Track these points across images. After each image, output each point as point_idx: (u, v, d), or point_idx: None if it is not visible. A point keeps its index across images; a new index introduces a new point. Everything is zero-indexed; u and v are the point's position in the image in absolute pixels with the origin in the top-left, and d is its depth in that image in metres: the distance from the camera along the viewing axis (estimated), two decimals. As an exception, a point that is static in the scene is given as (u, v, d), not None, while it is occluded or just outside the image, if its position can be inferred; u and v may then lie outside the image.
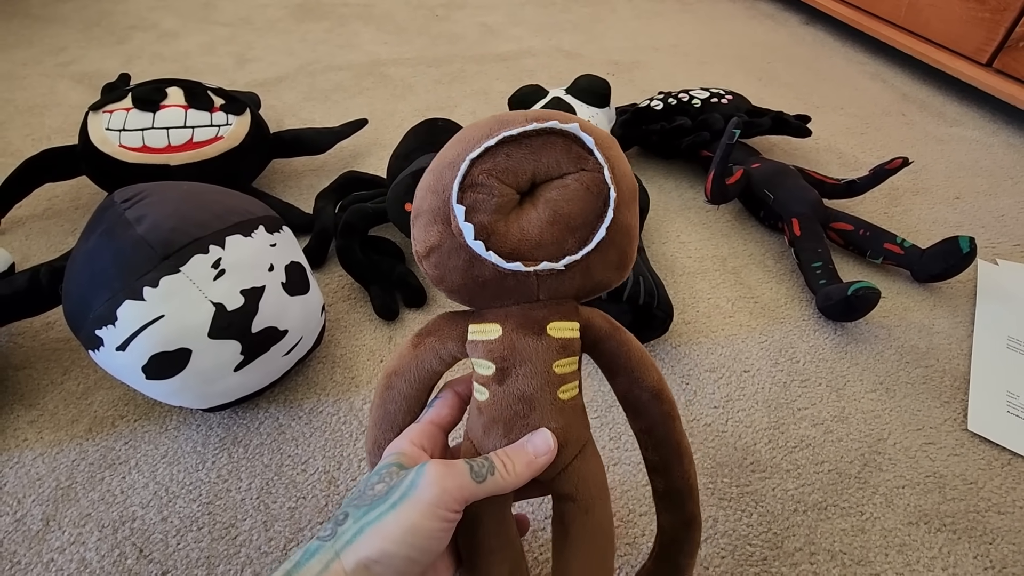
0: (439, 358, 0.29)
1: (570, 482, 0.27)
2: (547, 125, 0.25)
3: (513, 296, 0.26)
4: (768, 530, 0.41)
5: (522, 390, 0.26)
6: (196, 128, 0.60)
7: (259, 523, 0.40)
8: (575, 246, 0.25)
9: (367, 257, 0.57)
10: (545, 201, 0.25)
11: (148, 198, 0.42)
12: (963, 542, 0.41)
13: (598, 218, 0.25)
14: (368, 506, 0.23)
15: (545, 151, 0.25)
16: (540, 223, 0.25)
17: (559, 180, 0.25)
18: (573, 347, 0.27)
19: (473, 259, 0.25)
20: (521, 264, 0.25)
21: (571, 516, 0.27)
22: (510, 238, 0.25)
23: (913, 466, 0.45)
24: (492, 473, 0.24)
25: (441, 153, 0.26)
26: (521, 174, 0.25)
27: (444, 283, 0.27)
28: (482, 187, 0.25)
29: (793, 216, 0.63)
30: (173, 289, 0.38)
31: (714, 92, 0.77)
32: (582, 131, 0.25)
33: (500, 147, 0.25)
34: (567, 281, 0.26)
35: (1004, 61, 0.91)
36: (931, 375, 0.52)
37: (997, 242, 0.69)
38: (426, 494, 0.22)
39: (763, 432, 0.47)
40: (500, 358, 0.26)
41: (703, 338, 0.55)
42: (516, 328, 0.26)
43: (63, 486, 0.41)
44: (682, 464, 0.30)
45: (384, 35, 1.13)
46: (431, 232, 0.26)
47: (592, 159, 0.25)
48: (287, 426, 0.46)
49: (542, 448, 0.25)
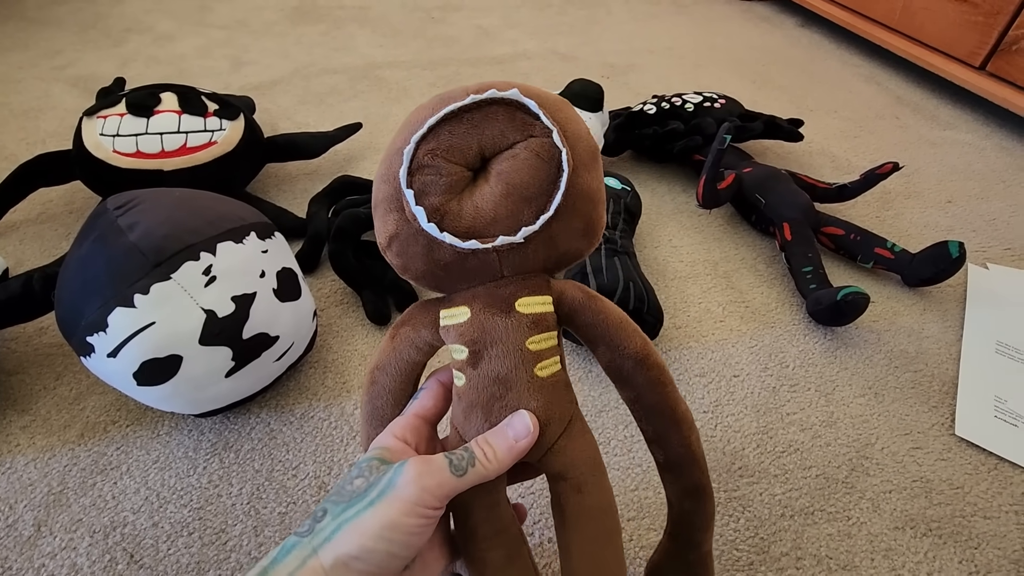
0: (416, 347, 0.28)
1: (558, 461, 0.26)
2: (486, 95, 0.24)
3: (478, 276, 0.26)
4: (755, 535, 0.41)
5: (496, 371, 0.25)
6: (190, 133, 0.61)
7: (249, 528, 0.40)
8: (532, 217, 0.24)
9: (359, 262, 0.57)
10: (496, 174, 0.25)
11: (140, 205, 0.42)
12: (948, 547, 0.41)
13: (553, 184, 0.24)
14: (347, 503, 0.23)
15: (488, 123, 0.24)
16: (493, 198, 0.24)
17: (508, 151, 0.25)
18: (547, 322, 0.26)
19: (431, 243, 0.25)
20: (477, 242, 0.24)
21: (565, 497, 0.27)
22: (464, 217, 0.24)
23: (900, 471, 0.46)
24: (472, 464, 0.24)
25: (391, 140, 0.26)
26: (467, 150, 0.25)
27: (409, 271, 0.26)
28: (429, 168, 0.24)
29: (784, 221, 0.63)
30: (164, 296, 0.38)
31: (707, 96, 0.77)
32: (523, 96, 0.24)
33: (442, 125, 0.24)
34: (531, 254, 0.25)
35: (997, 64, 0.91)
36: (920, 380, 0.53)
37: (988, 246, 0.69)
38: (404, 492, 0.22)
39: (752, 437, 0.47)
40: (471, 341, 0.26)
41: (693, 343, 0.55)
42: (484, 308, 0.26)
43: (55, 491, 0.42)
44: (680, 431, 0.28)
45: (380, 38, 1.13)
46: (388, 221, 0.25)
47: (539, 124, 0.24)
48: (278, 431, 0.46)
49: (522, 431, 0.25)
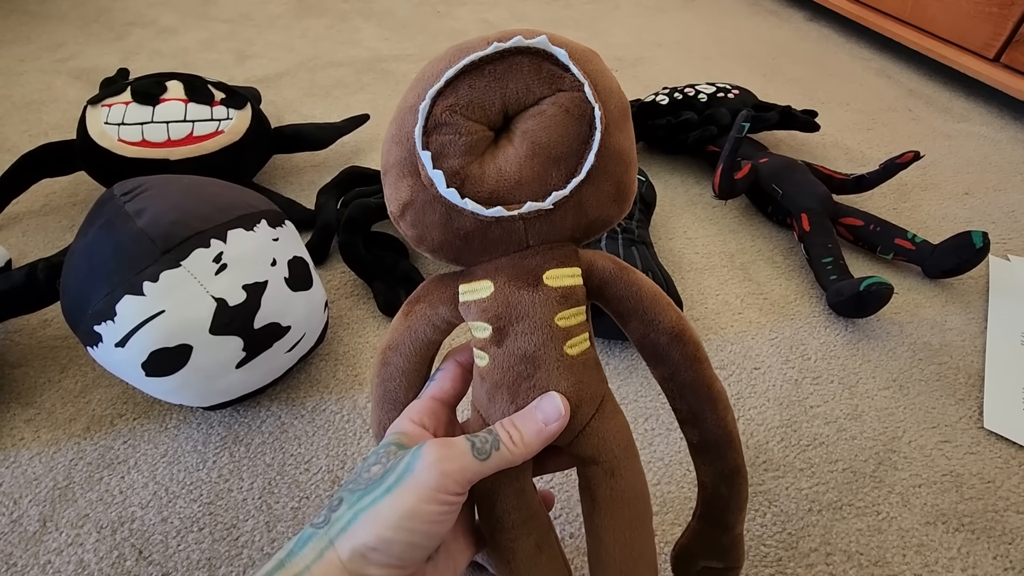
0: (432, 325, 0.26)
1: (590, 444, 0.25)
2: (510, 44, 0.21)
3: (501, 247, 0.23)
4: (783, 530, 0.40)
5: (523, 349, 0.23)
6: (196, 122, 0.59)
7: (261, 524, 0.39)
8: (561, 180, 0.22)
9: (370, 253, 0.56)
10: (521, 133, 0.22)
11: (149, 191, 0.41)
12: (982, 542, 0.40)
13: (584, 144, 0.22)
14: (363, 490, 0.21)
15: (512, 75, 0.22)
16: (518, 159, 0.22)
17: (534, 107, 0.22)
18: (576, 296, 0.24)
19: (450, 210, 0.22)
20: (503, 208, 0.22)
21: (597, 481, 0.25)
22: (487, 181, 0.22)
23: (929, 465, 0.44)
24: (497, 448, 0.22)
25: (402, 97, 0.23)
26: (489, 106, 0.22)
27: (425, 242, 0.24)
28: (447, 127, 0.22)
29: (802, 211, 0.62)
30: (173, 284, 0.37)
31: (720, 87, 0.76)
32: (552, 44, 0.22)
33: (462, 79, 0.22)
34: (559, 221, 0.23)
35: (1012, 56, 0.90)
36: (945, 372, 0.51)
37: (1008, 238, 0.68)
38: (423, 477, 0.21)
39: (775, 430, 0.46)
40: (495, 317, 0.23)
41: (712, 335, 0.54)
42: (509, 282, 0.23)
43: (60, 486, 0.40)
44: (716, 410, 0.26)
45: (385, 31, 1.12)
46: (401, 187, 0.23)
47: (569, 76, 0.22)
48: (289, 425, 0.45)
49: (552, 414, 0.23)
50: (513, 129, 0.23)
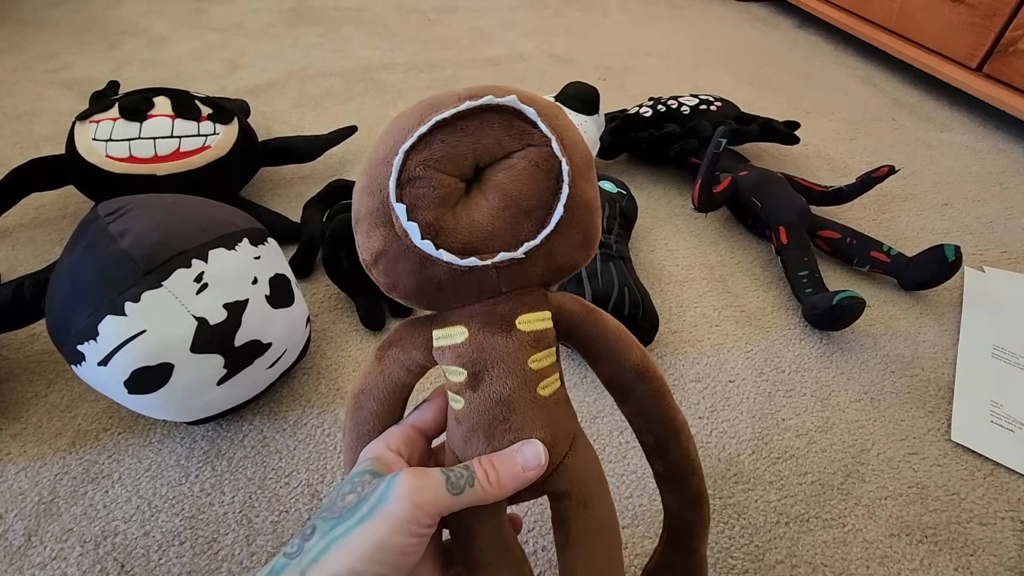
0: (406, 369, 0.27)
1: (565, 480, 0.26)
2: (482, 102, 0.22)
3: (474, 293, 0.24)
4: (750, 542, 0.41)
5: (499, 393, 0.24)
6: (183, 138, 0.60)
7: (241, 537, 0.40)
8: (532, 230, 0.23)
9: (353, 267, 0.56)
10: (493, 185, 0.23)
11: (132, 211, 0.42)
12: (944, 554, 0.41)
13: (553, 196, 0.23)
14: (336, 519, 0.22)
15: (484, 131, 0.23)
16: (491, 210, 0.23)
17: (505, 160, 0.23)
18: (547, 339, 0.25)
19: (424, 260, 0.23)
20: (476, 259, 0.23)
21: (569, 513, 0.26)
22: (460, 231, 0.23)
23: (896, 477, 0.45)
24: (471, 484, 0.23)
25: (372, 149, 0.24)
26: (461, 160, 0.23)
27: (397, 290, 0.25)
28: (421, 180, 0.22)
29: (780, 224, 0.63)
30: (155, 304, 0.38)
31: (703, 99, 0.77)
32: (521, 103, 0.23)
33: (434, 133, 0.22)
34: (529, 268, 0.24)
35: (994, 66, 0.91)
36: (916, 384, 0.53)
37: (984, 249, 0.69)
38: (395, 508, 0.21)
39: (747, 443, 0.47)
40: (470, 362, 0.24)
41: (689, 348, 0.55)
42: (482, 327, 0.24)
43: (45, 500, 0.41)
44: (679, 441, 0.28)
45: (376, 40, 1.13)
46: (374, 237, 0.24)
47: (537, 132, 0.23)
48: (271, 439, 0.46)
49: (532, 462, 0.24)
50: (484, 180, 0.24)
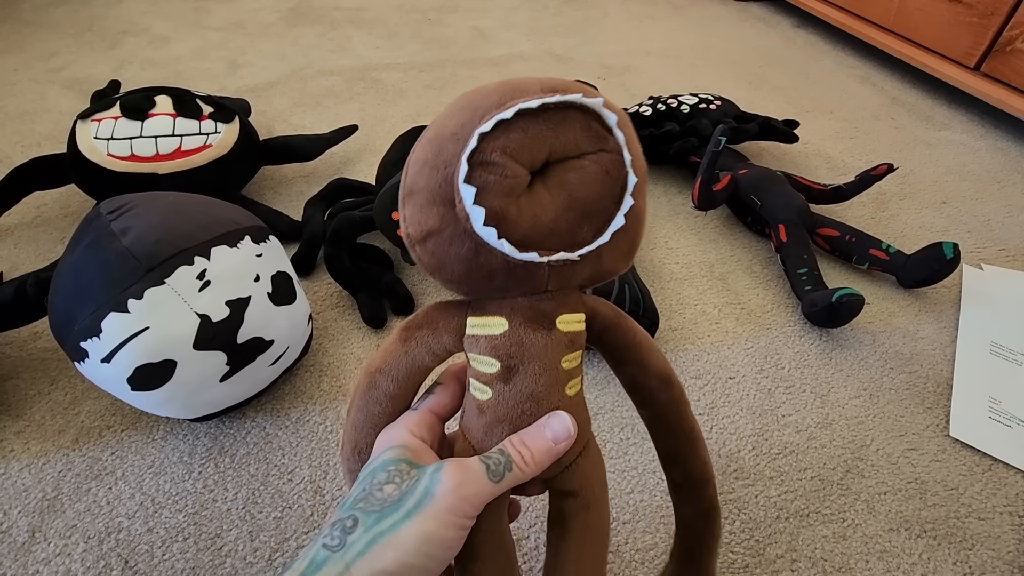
0: (432, 353, 0.26)
1: (573, 479, 0.26)
2: (570, 98, 0.22)
3: (520, 287, 0.24)
4: (750, 537, 0.41)
5: (531, 388, 0.24)
6: (184, 136, 0.61)
7: (245, 533, 0.40)
8: (591, 235, 0.23)
9: (355, 265, 0.57)
10: (559, 184, 0.23)
11: (134, 209, 0.42)
12: (943, 548, 0.41)
13: (615, 204, 0.23)
14: (379, 512, 0.21)
15: (565, 127, 0.22)
16: (555, 208, 0.23)
17: (576, 160, 0.23)
18: (580, 340, 0.25)
19: (480, 247, 0.22)
20: (536, 255, 0.22)
21: (572, 512, 0.26)
22: (522, 224, 0.22)
23: (895, 472, 0.46)
24: (510, 469, 0.23)
25: (439, 121, 0.23)
26: (537, 152, 0.22)
27: (442, 272, 0.24)
28: (494, 166, 0.21)
29: (780, 222, 0.63)
30: (158, 301, 0.38)
31: (703, 98, 0.77)
32: (605, 108, 0.23)
33: (515, 120, 0.22)
34: (578, 271, 0.24)
35: (992, 65, 0.92)
36: (915, 381, 0.53)
37: (982, 247, 0.69)
38: (444, 503, 0.21)
39: (747, 439, 0.47)
40: (507, 355, 0.24)
41: (689, 345, 0.55)
42: (524, 323, 0.24)
43: (49, 497, 0.41)
44: (696, 449, 0.29)
45: (376, 39, 1.13)
46: (429, 214, 0.22)
47: (612, 140, 0.23)
48: (274, 435, 0.46)
49: (561, 433, 0.24)
50: (550, 176, 0.23)
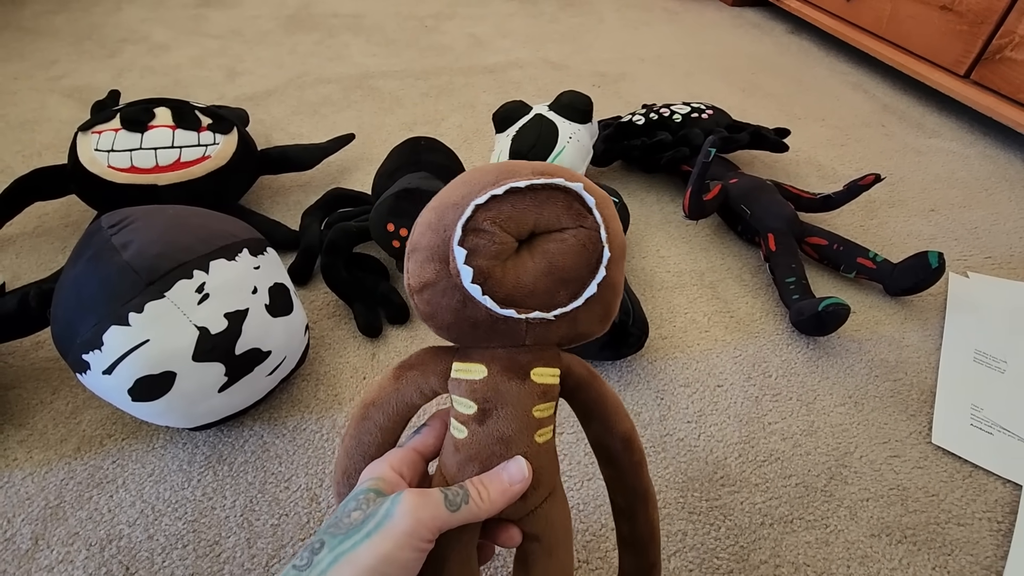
0: (420, 392, 0.29)
1: (538, 524, 0.28)
2: (554, 181, 0.26)
3: (501, 339, 0.27)
4: (735, 543, 0.42)
5: (502, 432, 0.27)
6: (184, 148, 0.62)
7: (242, 540, 0.41)
8: (566, 299, 0.26)
9: (351, 275, 0.58)
10: (542, 252, 0.26)
11: (134, 223, 0.43)
12: (923, 553, 0.42)
13: (590, 274, 0.26)
14: (344, 535, 0.23)
15: (548, 204, 0.26)
16: (536, 273, 0.26)
17: (558, 233, 0.26)
18: (552, 393, 0.28)
19: (467, 300, 0.26)
20: (515, 311, 0.26)
21: (535, 557, 0.28)
22: (505, 284, 0.26)
23: (878, 479, 0.47)
24: (466, 502, 0.25)
25: (445, 192, 0.27)
26: (523, 224, 0.26)
27: (434, 320, 0.27)
28: (485, 233, 0.25)
29: (769, 231, 0.64)
30: (158, 314, 0.39)
31: (695, 107, 0.78)
32: (585, 191, 0.26)
33: (506, 196, 0.25)
34: (554, 330, 0.27)
35: (981, 73, 0.93)
36: (899, 388, 0.54)
37: (969, 254, 0.70)
38: (401, 525, 0.23)
39: (734, 446, 0.49)
40: (483, 399, 0.27)
41: (679, 353, 0.56)
42: (501, 371, 0.27)
43: (52, 505, 0.42)
44: (647, 510, 0.32)
45: (373, 47, 1.14)
46: (427, 269, 0.26)
47: (591, 218, 0.26)
48: (271, 444, 0.47)
49: (517, 476, 0.26)
50: (535, 245, 0.26)
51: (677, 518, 0.43)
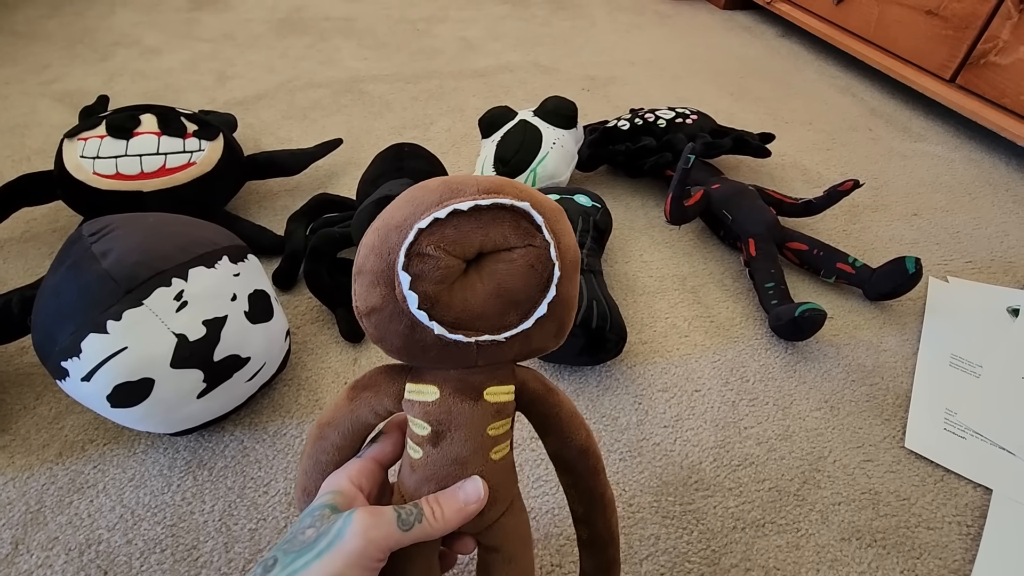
0: (374, 412, 0.29)
1: (497, 536, 0.29)
2: (499, 201, 0.25)
3: (452, 361, 0.27)
4: (707, 547, 0.43)
5: (456, 453, 0.27)
6: (169, 155, 0.62)
7: (220, 545, 0.42)
8: (516, 320, 0.26)
9: (334, 280, 0.58)
10: (490, 273, 0.25)
11: (115, 231, 0.44)
12: (891, 557, 0.43)
13: (541, 293, 0.26)
14: (296, 552, 0.24)
15: (494, 225, 0.25)
16: (484, 295, 0.25)
17: (506, 253, 0.25)
18: (507, 410, 0.28)
19: (415, 325, 0.25)
20: (463, 336, 0.25)
21: (495, 567, 0.29)
22: (453, 308, 0.25)
23: (850, 483, 0.47)
24: (420, 521, 0.25)
25: (388, 213, 0.26)
26: (468, 246, 0.25)
27: (384, 343, 0.27)
28: (429, 258, 0.24)
29: (750, 236, 0.65)
30: (136, 322, 0.40)
31: (679, 112, 0.79)
32: (533, 209, 0.25)
33: (449, 218, 0.24)
34: (506, 349, 0.27)
35: (967, 78, 0.93)
36: (875, 393, 0.54)
37: (950, 259, 0.71)
38: (350, 545, 0.23)
39: (709, 451, 0.49)
40: (436, 421, 0.27)
41: (658, 358, 0.57)
42: (453, 393, 0.27)
43: (32, 510, 0.43)
44: (604, 514, 0.33)
45: (364, 50, 1.15)
46: (373, 294, 0.25)
47: (540, 236, 0.25)
48: (251, 449, 0.48)
49: (472, 496, 0.27)
50: (483, 266, 0.26)
51: (650, 522, 0.44)
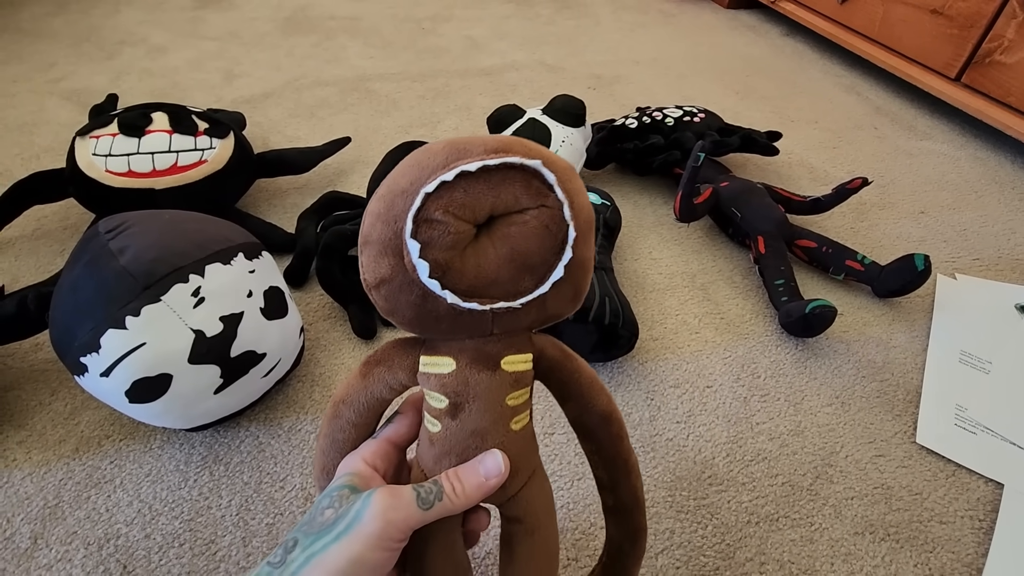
0: (388, 387, 0.29)
1: (519, 507, 0.28)
2: (508, 160, 0.23)
3: (467, 330, 0.26)
4: (721, 541, 0.43)
5: (476, 425, 0.26)
6: (180, 152, 0.62)
7: (238, 539, 0.42)
8: (532, 285, 0.25)
9: (346, 277, 0.59)
10: (503, 237, 0.24)
11: (131, 228, 0.44)
12: (905, 551, 0.43)
13: (556, 256, 0.25)
14: (316, 534, 0.23)
15: (505, 186, 0.24)
16: (497, 260, 0.24)
17: (518, 215, 0.24)
18: (526, 379, 0.27)
19: (427, 295, 0.24)
20: (477, 303, 0.24)
21: (518, 537, 0.29)
22: (466, 275, 0.24)
23: (863, 478, 0.48)
24: (440, 498, 0.25)
25: (392, 178, 0.24)
26: (479, 209, 0.24)
27: (395, 315, 0.26)
28: (438, 223, 0.23)
29: (759, 234, 0.65)
30: (154, 318, 0.40)
31: (687, 110, 0.79)
32: (544, 167, 0.24)
33: (457, 181, 0.23)
34: (522, 316, 0.26)
35: (972, 76, 0.94)
36: (885, 389, 0.55)
37: (957, 256, 0.71)
38: (370, 527, 0.23)
39: (722, 446, 0.49)
40: (453, 392, 0.26)
41: (669, 354, 0.57)
42: (470, 363, 0.26)
43: (51, 505, 0.43)
44: (629, 480, 0.32)
45: (370, 49, 1.15)
46: (381, 264, 0.24)
47: (553, 196, 0.24)
48: (267, 444, 0.48)
49: (493, 470, 0.26)
50: (494, 230, 0.25)
51: (665, 516, 0.44)
